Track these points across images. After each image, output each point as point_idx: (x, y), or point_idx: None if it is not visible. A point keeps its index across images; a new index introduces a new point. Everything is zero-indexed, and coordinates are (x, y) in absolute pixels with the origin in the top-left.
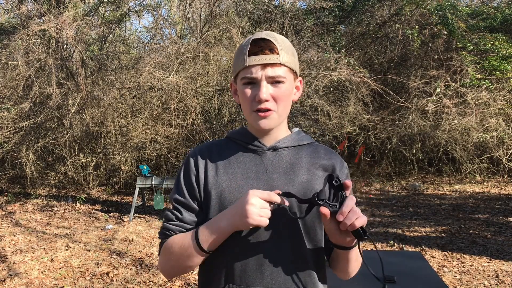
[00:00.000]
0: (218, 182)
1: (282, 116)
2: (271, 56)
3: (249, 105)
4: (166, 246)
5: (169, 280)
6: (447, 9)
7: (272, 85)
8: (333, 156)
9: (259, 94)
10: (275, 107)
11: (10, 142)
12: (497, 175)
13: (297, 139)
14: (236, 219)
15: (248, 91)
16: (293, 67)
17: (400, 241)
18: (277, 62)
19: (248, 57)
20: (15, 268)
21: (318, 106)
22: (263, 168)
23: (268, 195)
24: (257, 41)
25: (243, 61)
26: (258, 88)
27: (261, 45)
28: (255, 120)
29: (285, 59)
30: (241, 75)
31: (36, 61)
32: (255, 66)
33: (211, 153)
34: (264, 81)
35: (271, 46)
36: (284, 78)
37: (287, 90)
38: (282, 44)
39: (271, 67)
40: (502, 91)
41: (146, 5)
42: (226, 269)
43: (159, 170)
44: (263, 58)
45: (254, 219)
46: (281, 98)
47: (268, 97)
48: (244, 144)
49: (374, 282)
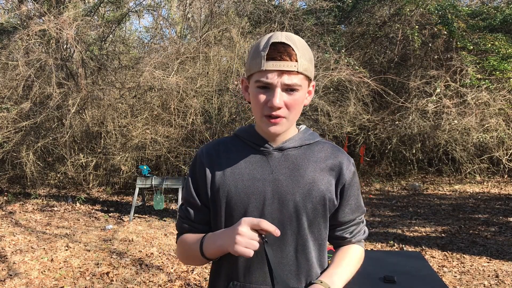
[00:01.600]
0: (225, 182)
1: (292, 121)
2: (290, 63)
3: (260, 109)
4: (180, 241)
5: (169, 280)
6: (447, 9)
7: (286, 92)
8: (340, 154)
9: (273, 100)
10: (287, 114)
11: (10, 142)
12: (497, 175)
13: (304, 138)
14: (227, 243)
15: (261, 95)
16: (309, 74)
17: (400, 241)
18: (294, 70)
19: (266, 61)
20: (15, 268)
21: (318, 106)
22: (269, 169)
23: (258, 222)
24: (276, 44)
25: (260, 64)
26: (272, 94)
27: (280, 50)
28: (266, 126)
29: (303, 67)
30: (255, 77)
31: (36, 61)
32: (272, 71)
33: (218, 152)
34: (279, 88)
35: (290, 52)
36: (299, 86)
37: (301, 98)
38: (301, 50)
39: (288, 74)
40: (502, 91)
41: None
42: (231, 267)
43: (159, 170)
44: (281, 65)
45: (238, 249)
46: (294, 106)
47: (282, 104)
48: (251, 144)
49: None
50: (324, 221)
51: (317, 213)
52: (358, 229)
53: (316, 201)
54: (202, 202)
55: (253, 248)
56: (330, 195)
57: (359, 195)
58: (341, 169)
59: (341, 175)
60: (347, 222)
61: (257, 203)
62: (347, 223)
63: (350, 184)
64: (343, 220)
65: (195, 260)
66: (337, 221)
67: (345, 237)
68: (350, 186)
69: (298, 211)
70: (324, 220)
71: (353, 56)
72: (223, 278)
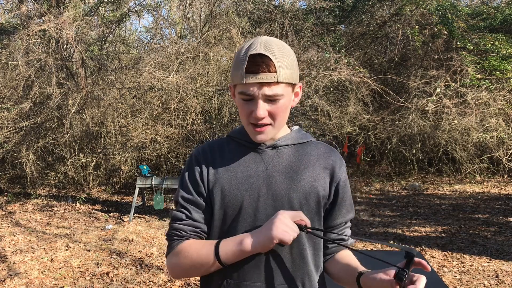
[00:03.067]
0: (219, 180)
1: (279, 127)
2: (268, 75)
3: (246, 119)
4: (181, 249)
5: (169, 280)
6: (447, 9)
7: (268, 102)
8: (333, 154)
9: (256, 112)
10: (272, 121)
11: (10, 142)
12: (497, 175)
13: (297, 137)
14: (262, 234)
15: (245, 107)
16: (292, 81)
17: (400, 241)
18: (274, 81)
19: (245, 74)
20: (15, 268)
21: (318, 106)
22: (263, 166)
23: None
24: (254, 56)
25: (240, 77)
26: (255, 105)
27: (258, 63)
28: (252, 134)
29: (283, 76)
30: (238, 88)
31: (36, 61)
32: (252, 84)
33: (213, 152)
34: (261, 100)
35: (268, 64)
36: (281, 95)
37: (284, 105)
38: (280, 59)
39: (268, 86)
40: (502, 91)
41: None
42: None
43: (159, 170)
44: (260, 77)
45: (279, 232)
46: (278, 114)
47: (265, 114)
48: (244, 143)
49: None
50: (318, 219)
51: (311, 211)
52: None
53: (310, 198)
54: (200, 199)
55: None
56: (324, 192)
57: (350, 196)
58: (334, 168)
59: (335, 174)
60: (344, 222)
61: (251, 200)
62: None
63: (345, 184)
64: (340, 220)
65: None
66: (334, 222)
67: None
68: (344, 186)
69: (292, 208)
70: (318, 218)
71: (353, 56)
72: (216, 277)
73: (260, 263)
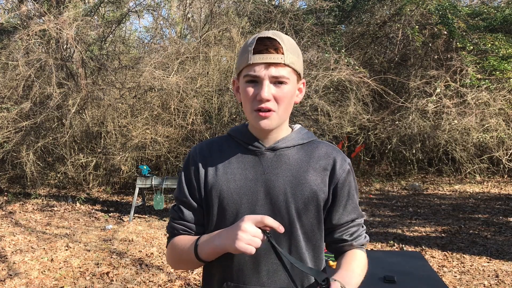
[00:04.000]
0: (217, 182)
1: (282, 117)
2: (276, 55)
3: (250, 103)
4: (171, 244)
5: (169, 280)
6: (447, 9)
7: (274, 85)
8: (335, 153)
9: (261, 93)
10: (276, 107)
11: (10, 142)
12: (497, 175)
13: (298, 138)
14: (228, 242)
15: (250, 89)
16: (297, 68)
17: (400, 241)
18: (281, 62)
19: (252, 55)
20: (15, 268)
21: (318, 106)
22: (261, 169)
23: (261, 219)
24: (262, 39)
25: (247, 59)
26: (261, 87)
27: (266, 44)
28: (256, 120)
29: (290, 59)
30: (244, 73)
31: (36, 61)
32: (259, 64)
33: (212, 151)
34: (267, 81)
35: (276, 46)
36: (287, 79)
37: (290, 92)
38: (288, 45)
39: (275, 66)
40: (502, 91)
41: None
42: (224, 267)
43: (159, 170)
44: (267, 57)
45: (240, 245)
46: (283, 99)
47: (270, 96)
48: (244, 144)
49: (374, 282)
50: (318, 222)
51: (310, 214)
52: (359, 233)
53: (309, 203)
54: (196, 202)
55: (255, 246)
56: (324, 195)
57: (355, 196)
58: (334, 168)
59: (334, 174)
60: (343, 224)
61: (249, 204)
62: (344, 225)
63: (344, 184)
64: (339, 221)
65: (187, 263)
66: (333, 223)
67: (345, 240)
68: (343, 186)
69: (290, 212)
70: (318, 221)
71: (353, 56)
72: (216, 280)
73: (258, 266)
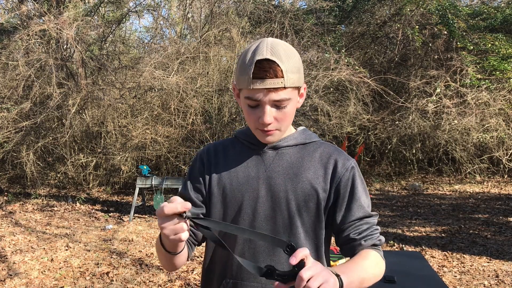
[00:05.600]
0: (221, 181)
1: (286, 129)
2: (275, 80)
3: (253, 123)
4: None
5: (169, 280)
6: (447, 9)
7: (275, 108)
8: (337, 153)
9: (263, 118)
10: (279, 126)
11: (11, 142)
12: (497, 175)
13: (300, 138)
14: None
15: (251, 112)
16: (298, 85)
17: (400, 241)
18: (281, 87)
19: (252, 79)
20: (15, 268)
21: (318, 106)
22: (263, 167)
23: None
24: (261, 62)
25: (247, 83)
26: (262, 111)
27: (265, 68)
28: (260, 137)
29: (290, 81)
30: (244, 93)
31: (36, 61)
32: (259, 90)
33: (217, 152)
34: (268, 106)
35: (275, 69)
36: (288, 100)
37: (291, 109)
38: (287, 64)
39: (275, 91)
40: (502, 91)
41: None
42: (223, 265)
43: (159, 170)
44: (267, 83)
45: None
46: (285, 119)
47: (271, 120)
48: (248, 144)
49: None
50: (319, 220)
51: (310, 211)
52: (369, 232)
53: (310, 200)
54: (198, 199)
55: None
56: (325, 194)
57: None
58: (336, 167)
59: (336, 173)
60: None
61: (251, 201)
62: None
63: (347, 183)
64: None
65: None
66: (338, 224)
67: (354, 238)
68: (346, 185)
69: (290, 208)
70: (318, 219)
71: (353, 56)
72: (217, 276)
73: (256, 263)
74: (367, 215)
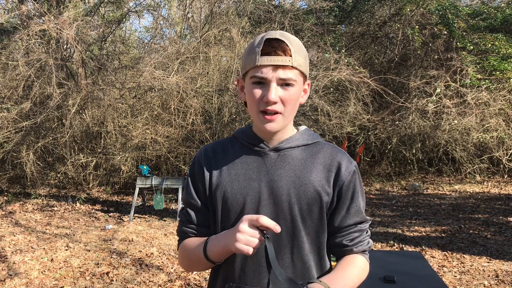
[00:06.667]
0: (221, 183)
1: (288, 118)
2: (284, 58)
3: (256, 104)
4: (181, 247)
5: (169, 280)
6: (447, 9)
7: (281, 87)
8: (340, 155)
9: (268, 95)
10: (283, 110)
11: (11, 142)
12: (497, 175)
13: (302, 139)
14: (229, 242)
15: (256, 90)
16: (304, 70)
17: (400, 241)
18: (289, 65)
19: (260, 56)
20: (15, 268)
21: (318, 106)
22: (265, 169)
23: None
24: (270, 40)
25: (254, 60)
26: (268, 89)
27: (274, 46)
28: (262, 122)
29: (297, 62)
30: (250, 74)
31: (36, 61)
32: (266, 66)
33: (216, 153)
34: (274, 83)
35: (284, 48)
36: (294, 81)
37: (296, 94)
38: (296, 46)
39: (283, 69)
40: (502, 91)
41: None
42: (228, 268)
43: (159, 170)
44: (275, 59)
45: (238, 246)
46: (289, 101)
47: (277, 99)
48: (248, 145)
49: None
50: (321, 223)
51: (313, 215)
52: (361, 238)
53: (313, 204)
54: (202, 203)
55: (251, 245)
56: (328, 197)
57: (359, 199)
58: (339, 170)
59: (339, 176)
60: (346, 227)
61: (253, 204)
62: (346, 229)
63: (348, 186)
64: (341, 224)
65: (199, 264)
66: (335, 226)
67: (345, 245)
68: (348, 188)
69: (292, 212)
70: (321, 222)
71: (353, 56)
72: (220, 280)
73: (260, 268)
74: (363, 220)
